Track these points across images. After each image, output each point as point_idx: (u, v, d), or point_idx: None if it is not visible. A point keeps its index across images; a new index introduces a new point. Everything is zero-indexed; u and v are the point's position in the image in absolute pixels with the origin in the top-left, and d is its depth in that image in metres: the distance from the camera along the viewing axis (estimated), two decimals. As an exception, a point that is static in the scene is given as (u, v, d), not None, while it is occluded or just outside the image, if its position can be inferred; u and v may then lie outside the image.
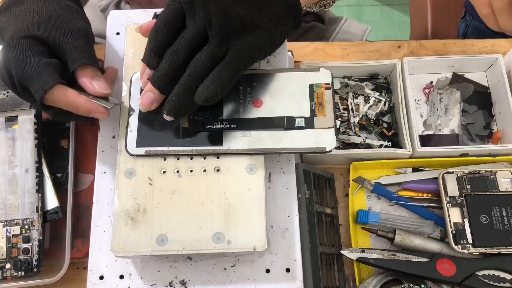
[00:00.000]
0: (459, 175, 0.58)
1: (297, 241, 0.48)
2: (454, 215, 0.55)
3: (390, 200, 0.62)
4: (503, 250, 0.54)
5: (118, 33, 0.56)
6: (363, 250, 0.56)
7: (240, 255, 0.48)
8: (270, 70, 0.50)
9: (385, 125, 0.66)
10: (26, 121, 0.55)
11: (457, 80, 0.70)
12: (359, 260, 0.55)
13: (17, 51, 0.44)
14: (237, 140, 0.47)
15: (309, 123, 0.47)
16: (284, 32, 0.47)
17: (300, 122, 0.47)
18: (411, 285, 0.53)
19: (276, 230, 0.48)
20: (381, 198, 0.63)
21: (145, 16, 0.56)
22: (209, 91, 0.42)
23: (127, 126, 0.47)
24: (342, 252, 0.56)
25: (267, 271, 0.47)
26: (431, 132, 0.67)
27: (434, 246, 0.57)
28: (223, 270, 0.47)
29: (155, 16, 0.48)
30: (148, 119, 0.47)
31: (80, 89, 0.47)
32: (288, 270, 0.47)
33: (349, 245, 0.59)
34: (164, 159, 0.47)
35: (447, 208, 0.56)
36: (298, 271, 0.47)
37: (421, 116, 0.68)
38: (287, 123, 0.47)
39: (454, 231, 0.55)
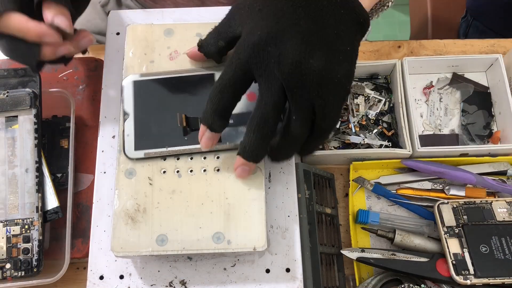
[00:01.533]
0: (455, 205, 0.57)
1: (297, 241, 0.48)
2: (452, 246, 0.55)
3: (390, 200, 0.62)
4: (506, 281, 0.53)
5: (118, 33, 0.56)
6: (363, 250, 0.56)
7: (240, 255, 0.48)
8: None
9: (385, 125, 0.66)
10: (26, 121, 0.55)
11: (457, 80, 0.70)
12: (359, 260, 0.55)
13: None
14: (235, 134, 0.47)
15: None
16: (357, 54, 0.45)
17: None
18: (411, 285, 0.53)
19: (276, 230, 0.48)
20: (381, 198, 0.63)
21: (146, 16, 0.56)
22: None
23: (123, 131, 0.47)
24: (342, 252, 0.56)
25: (267, 271, 0.47)
26: (431, 132, 0.67)
27: (434, 246, 0.57)
28: (223, 270, 0.47)
29: (200, 45, 0.48)
30: (144, 121, 0.47)
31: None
32: (288, 270, 0.47)
33: (349, 245, 0.59)
34: (164, 159, 0.47)
35: (445, 238, 0.55)
36: (298, 271, 0.47)
37: (421, 116, 0.68)
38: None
39: (454, 262, 0.54)
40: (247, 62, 0.41)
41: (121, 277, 0.47)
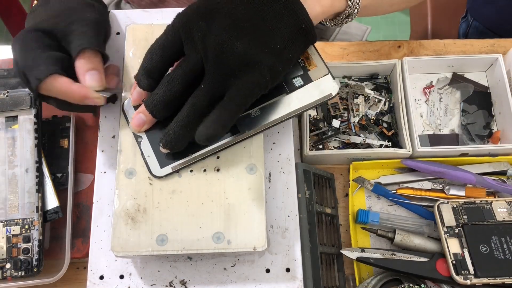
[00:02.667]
0: (455, 205, 0.57)
1: (297, 241, 0.48)
2: (452, 246, 0.55)
3: (390, 200, 0.62)
4: (506, 281, 0.53)
5: (118, 33, 0.56)
6: (363, 250, 0.56)
7: (240, 255, 0.48)
8: None
9: (385, 125, 0.66)
10: (26, 121, 0.55)
11: (457, 80, 0.70)
12: (359, 259, 0.55)
13: (23, 43, 0.46)
14: (251, 121, 0.47)
15: (306, 78, 0.48)
16: (290, 58, 0.45)
17: (298, 81, 0.48)
18: (411, 285, 0.53)
19: (276, 230, 0.48)
20: (381, 198, 0.63)
21: (145, 16, 0.56)
22: (210, 130, 0.43)
23: (142, 153, 0.47)
24: (342, 251, 0.56)
25: (267, 271, 0.47)
26: (431, 132, 0.67)
27: (434, 246, 0.57)
28: (223, 270, 0.47)
29: None
30: (159, 138, 0.46)
31: None
32: (288, 270, 0.47)
33: (349, 244, 0.59)
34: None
35: (445, 238, 0.55)
36: (298, 271, 0.47)
37: (421, 116, 0.68)
38: (287, 87, 0.48)
39: (454, 262, 0.54)
40: (178, 30, 0.44)
41: (121, 277, 0.47)
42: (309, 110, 0.49)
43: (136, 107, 0.47)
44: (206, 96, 0.43)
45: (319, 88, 0.47)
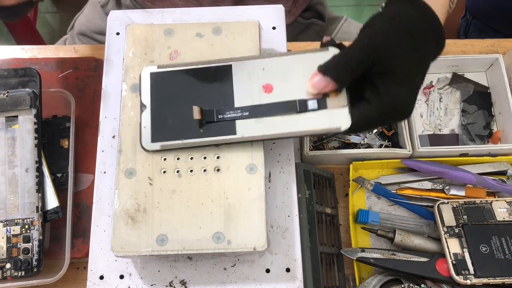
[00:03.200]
0: (455, 205, 0.57)
1: (297, 241, 0.48)
2: (452, 246, 0.54)
3: (390, 200, 0.62)
4: (506, 281, 0.53)
5: (118, 33, 0.56)
6: (363, 250, 0.56)
7: (240, 255, 0.48)
8: (278, 53, 0.49)
9: (385, 125, 0.66)
10: (26, 121, 0.55)
11: (457, 80, 0.70)
12: (359, 259, 0.55)
13: None
14: (251, 127, 0.46)
15: (322, 104, 0.46)
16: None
17: (312, 104, 0.46)
18: (411, 284, 0.53)
19: (276, 230, 0.48)
20: (381, 198, 0.63)
21: (145, 16, 0.56)
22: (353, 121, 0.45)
23: (140, 122, 0.47)
24: (342, 251, 0.56)
25: (267, 271, 0.47)
26: (431, 132, 0.67)
27: (434, 246, 0.57)
28: (223, 270, 0.47)
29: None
30: (160, 113, 0.47)
31: None
32: (288, 270, 0.47)
33: (349, 245, 0.59)
34: (164, 159, 0.47)
35: (445, 238, 0.55)
36: (298, 271, 0.47)
37: (421, 116, 0.68)
38: (299, 106, 0.46)
39: (454, 262, 0.54)
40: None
41: (121, 277, 0.47)
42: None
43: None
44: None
45: (331, 117, 0.45)
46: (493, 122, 0.68)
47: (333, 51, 0.47)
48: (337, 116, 0.45)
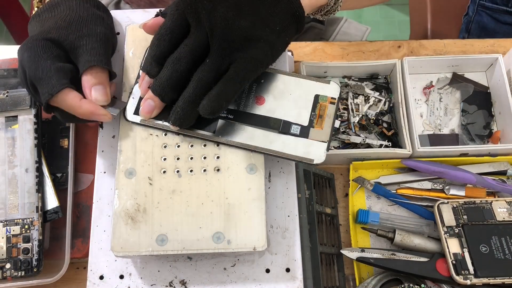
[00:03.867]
0: (455, 205, 0.57)
1: (297, 241, 0.48)
2: (452, 246, 0.55)
3: (390, 200, 0.62)
4: (506, 281, 0.53)
5: (118, 33, 0.56)
6: (363, 250, 0.56)
7: (240, 255, 0.48)
8: (281, 71, 0.49)
9: (385, 125, 0.66)
10: (26, 121, 0.55)
11: (457, 80, 0.70)
12: (359, 259, 0.55)
13: (32, 52, 0.45)
14: (230, 131, 0.47)
15: (304, 132, 0.46)
16: (287, 41, 0.47)
17: (295, 129, 0.47)
18: (411, 285, 0.53)
19: (276, 230, 0.48)
20: (381, 198, 0.63)
21: (145, 16, 0.56)
22: (214, 104, 0.43)
23: (130, 93, 0.48)
24: (342, 251, 0.56)
25: (267, 271, 0.47)
26: (431, 132, 0.67)
27: (434, 246, 0.57)
28: (223, 270, 0.47)
29: (159, 14, 0.48)
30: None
31: None
32: (288, 270, 0.47)
33: (349, 244, 0.59)
34: (164, 159, 0.47)
35: (445, 238, 0.55)
36: (298, 271, 0.47)
37: (421, 116, 0.68)
38: (282, 127, 0.47)
39: (454, 262, 0.54)
40: (183, 10, 0.44)
41: (121, 277, 0.47)
42: (285, 160, 0.48)
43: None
44: (211, 71, 0.43)
45: (307, 148, 0.46)
46: (493, 122, 0.68)
47: (334, 85, 0.48)
48: (314, 149, 0.46)
